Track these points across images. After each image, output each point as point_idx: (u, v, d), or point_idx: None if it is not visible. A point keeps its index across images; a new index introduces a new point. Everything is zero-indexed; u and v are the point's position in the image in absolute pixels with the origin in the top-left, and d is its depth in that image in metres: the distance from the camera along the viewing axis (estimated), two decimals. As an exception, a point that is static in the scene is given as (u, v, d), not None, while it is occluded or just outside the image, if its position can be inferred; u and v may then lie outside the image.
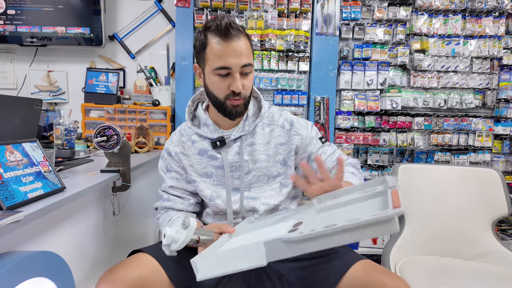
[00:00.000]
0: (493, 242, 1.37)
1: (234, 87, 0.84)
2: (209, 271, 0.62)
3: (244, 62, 0.83)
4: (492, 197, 1.41)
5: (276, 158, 0.95)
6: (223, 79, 0.84)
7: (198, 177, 0.96)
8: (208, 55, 0.85)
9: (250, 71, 0.87)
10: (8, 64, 2.11)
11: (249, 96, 0.91)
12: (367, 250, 1.81)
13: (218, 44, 0.82)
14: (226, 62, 0.82)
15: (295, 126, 0.97)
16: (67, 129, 1.21)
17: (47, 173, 0.75)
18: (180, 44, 1.94)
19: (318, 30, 1.95)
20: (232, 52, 0.82)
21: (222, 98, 0.87)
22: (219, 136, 0.93)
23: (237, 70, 0.83)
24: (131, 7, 2.10)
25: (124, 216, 1.26)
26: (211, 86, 0.88)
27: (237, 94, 0.85)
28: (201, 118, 0.98)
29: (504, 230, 1.88)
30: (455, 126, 2.07)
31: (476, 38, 2.02)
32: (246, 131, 0.93)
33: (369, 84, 2.02)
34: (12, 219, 0.56)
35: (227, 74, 0.84)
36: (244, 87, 0.86)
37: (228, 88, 0.85)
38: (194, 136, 0.96)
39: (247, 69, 0.85)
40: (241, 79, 0.85)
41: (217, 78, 0.85)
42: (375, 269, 0.80)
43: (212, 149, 0.94)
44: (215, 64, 0.83)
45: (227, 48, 0.82)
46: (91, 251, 1.01)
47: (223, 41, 0.82)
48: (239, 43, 0.83)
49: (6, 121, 0.95)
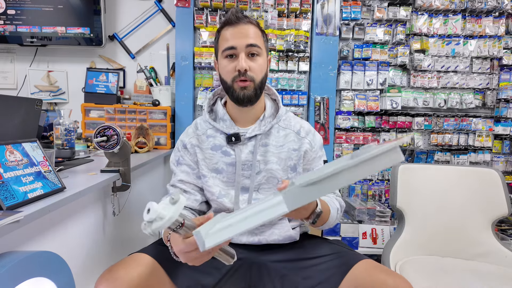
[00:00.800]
0: (493, 242, 1.37)
1: (238, 66, 0.86)
2: (218, 236, 0.55)
3: (250, 42, 0.86)
4: (492, 197, 1.41)
5: (287, 163, 0.95)
6: (230, 61, 0.88)
7: (208, 172, 0.94)
8: (219, 43, 0.91)
9: (258, 53, 0.89)
10: (8, 64, 2.11)
11: (260, 83, 0.91)
12: (367, 250, 1.81)
13: (226, 30, 0.89)
14: (231, 42, 0.87)
15: (310, 136, 0.98)
16: (67, 129, 1.21)
17: (47, 173, 0.75)
18: (180, 44, 1.94)
19: (318, 30, 1.95)
20: (237, 34, 0.87)
21: (230, 81, 0.89)
22: (235, 132, 0.93)
23: (242, 49, 0.87)
24: (131, 7, 2.10)
25: (124, 216, 1.26)
26: (221, 71, 0.92)
27: (243, 75, 0.86)
28: (218, 112, 0.98)
29: (504, 230, 1.88)
30: (455, 126, 2.07)
31: (476, 38, 2.02)
32: (262, 130, 0.94)
33: (369, 84, 2.02)
34: (12, 219, 0.56)
35: (234, 55, 0.88)
36: (251, 69, 0.87)
37: (235, 69, 0.87)
38: (209, 130, 0.96)
39: (253, 49, 0.87)
40: (248, 60, 0.87)
41: (225, 61, 0.89)
42: (377, 268, 0.80)
43: (226, 145, 0.93)
44: (222, 47, 0.89)
45: (234, 30, 0.87)
46: (91, 251, 1.01)
47: (230, 26, 0.88)
48: (245, 27, 0.87)
49: (6, 121, 0.95)
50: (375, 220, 1.87)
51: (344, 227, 1.84)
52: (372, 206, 1.91)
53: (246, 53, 0.87)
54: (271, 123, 0.95)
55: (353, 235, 1.84)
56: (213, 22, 1.96)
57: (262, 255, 0.91)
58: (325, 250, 0.91)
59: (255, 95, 0.90)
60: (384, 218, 1.87)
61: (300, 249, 0.93)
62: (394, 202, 1.45)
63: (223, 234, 0.55)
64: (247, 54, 0.87)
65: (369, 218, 1.87)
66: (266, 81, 0.95)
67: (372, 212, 1.87)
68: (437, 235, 1.41)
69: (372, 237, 1.84)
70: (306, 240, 0.97)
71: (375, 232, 1.84)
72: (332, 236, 1.81)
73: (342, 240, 1.81)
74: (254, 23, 0.90)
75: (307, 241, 0.97)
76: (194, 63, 1.97)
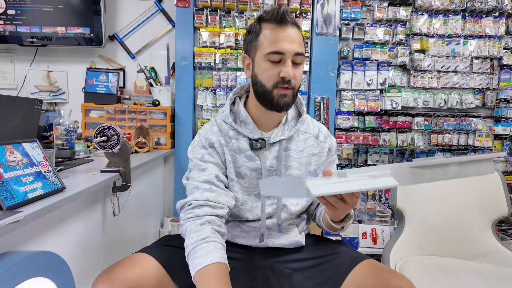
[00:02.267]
0: (493, 242, 1.37)
1: (285, 73, 0.80)
2: (320, 188, 0.52)
3: (298, 50, 0.81)
4: (492, 197, 1.41)
5: (308, 168, 0.93)
6: (274, 65, 0.81)
7: (234, 176, 0.89)
8: (261, 42, 0.83)
9: (301, 62, 0.84)
10: (8, 64, 2.11)
11: (297, 91, 0.87)
12: (368, 250, 1.82)
13: (273, 30, 0.81)
14: (280, 47, 0.80)
15: (329, 140, 0.97)
16: (67, 129, 1.21)
17: (47, 173, 0.75)
18: (180, 44, 1.94)
19: (318, 30, 1.95)
20: (287, 37, 0.80)
21: (270, 87, 0.83)
22: (259, 137, 0.88)
23: (290, 56, 0.81)
24: (131, 7, 2.10)
25: (124, 216, 1.26)
26: (260, 73, 0.84)
27: (287, 82, 0.81)
28: (240, 114, 0.91)
29: (504, 230, 1.88)
30: (455, 126, 2.07)
31: (476, 38, 2.02)
32: (286, 135, 0.90)
33: (369, 84, 2.02)
34: (12, 219, 0.56)
35: (279, 60, 0.81)
36: (295, 77, 0.82)
37: (278, 75, 0.81)
38: (231, 132, 0.90)
39: (299, 59, 0.82)
40: (293, 68, 0.82)
41: (268, 64, 0.82)
42: (380, 268, 0.80)
43: (249, 149, 0.89)
44: (268, 49, 0.81)
45: (282, 33, 0.81)
46: (91, 251, 1.01)
47: (279, 27, 0.81)
48: (294, 31, 0.82)
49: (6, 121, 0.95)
50: (375, 220, 1.87)
51: (344, 227, 1.84)
52: (372, 206, 1.91)
53: (292, 61, 0.82)
54: (295, 127, 0.92)
55: (353, 235, 1.85)
56: (213, 22, 1.96)
57: (266, 257, 0.91)
58: (327, 249, 0.91)
59: (293, 101, 0.86)
60: (384, 218, 1.87)
61: (302, 249, 0.93)
62: (394, 202, 1.45)
63: (326, 188, 0.53)
64: (292, 61, 0.82)
65: (369, 218, 1.87)
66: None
67: (372, 212, 1.87)
68: (437, 235, 1.41)
69: (372, 237, 1.84)
70: (309, 240, 0.97)
71: (375, 232, 1.84)
72: (332, 236, 1.81)
73: (342, 240, 1.81)
74: (298, 26, 0.85)
75: (310, 241, 0.97)
76: (194, 63, 1.97)
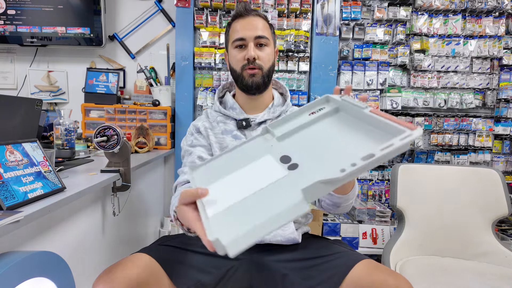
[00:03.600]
0: (493, 242, 1.37)
1: (248, 55, 0.92)
2: (238, 243, 0.46)
3: (258, 33, 0.93)
4: (492, 197, 1.41)
5: None
6: (240, 51, 0.95)
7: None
8: (230, 35, 0.98)
9: (266, 43, 0.95)
10: (8, 64, 2.11)
11: (268, 71, 0.96)
12: (367, 250, 1.81)
13: (236, 23, 0.96)
14: (242, 34, 0.93)
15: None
16: (67, 129, 1.21)
17: (47, 173, 0.75)
18: (180, 44, 1.94)
19: (318, 30, 1.95)
20: (247, 25, 0.93)
21: (239, 70, 0.95)
22: (244, 117, 0.98)
23: (251, 40, 0.93)
24: (131, 7, 2.10)
25: (124, 216, 1.26)
26: (231, 61, 0.98)
27: (252, 63, 0.92)
28: (228, 102, 1.04)
29: (504, 230, 1.88)
30: (455, 126, 2.07)
31: (476, 38, 2.02)
32: (271, 116, 0.99)
33: (369, 84, 2.02)
34: (12, 219, 0.56)
35: (244, 45, 0.94)
36: (259, 57, 0.93)
37: (244, 58, 0.93)
38: (219, 117, 1.02)
39: (262, 40, 0.94)
40: (256, 50, 0.93)
41: (235, 51, 0.95)
42: (378, 268, 0.80)
43: (236, 130, 0.98)
44: (233, 38, 0.95)
45: (243, 22, 0.94)
46: (91, 251, 1.01)
47: (240, 19, 0.95)
48: (254, 19, 0.94)
49: (6, 121, 0.95)
50: (375, 220, 1.87)
51: (344, 227, 1.84)
52: (372, 206, 1.91)
53: (255, 44, 0.93)
54: (280, 110, 1.01)
55: (353, 235, 1.84)
56: (213, 22, 1.96)
57: (263, 255, 0.91)
58: (326, 250, 0.91)
59: (263, 82, 0.95)
60: (384, 218, 1.87)
61: (301, 249, 0.93)
62: (394, 202, 1.45)
63: (244, 240, 0.46)
64: (255, 44, 0.93)
65: (369, 218, 1.87)
66: (274, 70, 1.00)
67: (372, 212, 1.87)
68: (437, 235, 1.41)
69: (372, 237, 1.84)
70: (307, 240, 0.97)
71: (375, 232, 1.84)
72: (332, 236, 1.81)
73: (342, 240, 1.81)
74: (262, 16, 0.96)
75: (308, 241, 0.97)
76: (194, 63, 1.97)
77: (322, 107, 0.65)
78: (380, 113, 0.53)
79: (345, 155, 0.51)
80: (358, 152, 0.48)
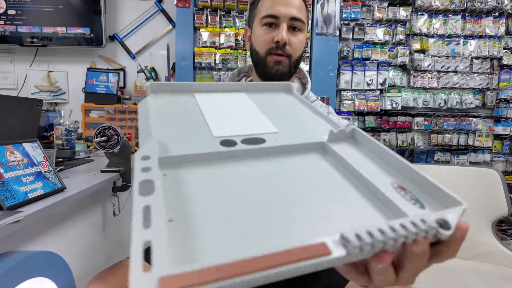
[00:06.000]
0: (493, 242, 1.37)
1: (278, 37, 0.76)
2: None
3: (295, 14, 0.76)
4: (492, 197, 1.41)
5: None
6: (269, 30, 0.78)
7: None
8: (259, 8, 0.81)
9: (300, 28, 0.80)
10: (9, 64, 2.11)
11: (296, 61, 0.82)
12: (367, 250, 1.82)
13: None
14: (275, 10, 0.77)
15: (332, 112, 0.91)
16: (68, 129, 1.21)
17: (47, 173, 0.76)
18: (180, 44, 1.94)
19: (318, 30, 1.95)
20: (282, 2, 0.77)
21: (263, 53, 0.79)
22: None
23: (285, 20, 0.76)
24: (132, 7, 2.10)
25: (124, 216, 1.26)
26: (255, 40, 0.81)
27: (280, 49, 0.77)
28: None
29: (504, 230, 1.88)
30: (455, 126, 2.07)
31: (476, 38, 2.02)
32: None
33: (369, 84, 2.02)
34: (12, 219, 0.56)
35: (274, 24, 0.78)
36: (290, 43, 0.77)
37: (272, 40, 0.77)
38: None
39: (297, 23, 0.78)
40: (289, 34, 0.77)
41: (263, 30, 0.79)
42: None
43: None
44: (263, 13, 0.78)
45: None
46: (91, 251, 1.01)
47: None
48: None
49: (6, 121, 0.95)
50: (375, 220, 1.87)
51: (344, 227, 1.84)
52: (372, 206, 1.91)
53: (288, 25, 0.77)
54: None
55: (353, 235, 1.85)
56: (213, 22, 1.96)
57: None
58: None
59: (289, 73, 0.81)
60: (384, 218, 1.87)
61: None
62: (394, 202, 1.45)
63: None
64: (288, 26, 0.77)
65: (369, 218, 1.87)
66: (301, 60, 0.85)
67: (372, 212, 1.87)
68: (437, 235, 1.41)
69: (372, 237, 1.84)
70: None
71: (375, 232, 1.84)
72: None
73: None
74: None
75: None
76: (194, 63, 1.97)
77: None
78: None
79: None
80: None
